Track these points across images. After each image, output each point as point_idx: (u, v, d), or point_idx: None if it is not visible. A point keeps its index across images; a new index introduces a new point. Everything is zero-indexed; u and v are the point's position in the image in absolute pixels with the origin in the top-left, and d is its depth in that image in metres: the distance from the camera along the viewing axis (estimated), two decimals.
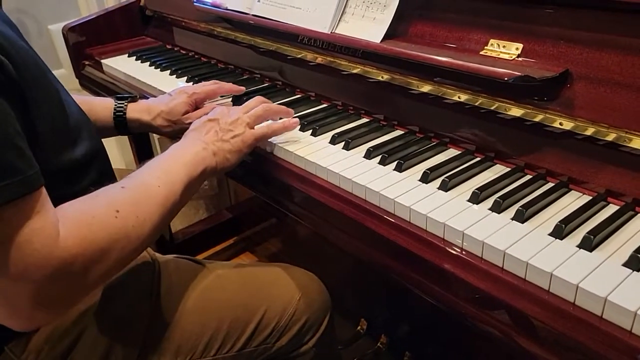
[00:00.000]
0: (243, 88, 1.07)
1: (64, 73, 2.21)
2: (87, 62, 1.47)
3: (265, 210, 1.73)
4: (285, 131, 0.89)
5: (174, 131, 0.98)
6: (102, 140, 0.84)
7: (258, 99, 0.91)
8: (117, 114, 0.98)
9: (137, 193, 0.66)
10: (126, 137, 1.68)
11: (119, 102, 0.99)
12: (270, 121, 0.90)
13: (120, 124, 0.99)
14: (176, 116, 0.97)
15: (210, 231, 1.86)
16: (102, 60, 1.40)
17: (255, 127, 0.86)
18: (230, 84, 1.06)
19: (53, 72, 0.73)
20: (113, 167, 0.85)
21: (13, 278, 0.52)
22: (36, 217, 0.53)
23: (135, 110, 0.99)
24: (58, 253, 0.53)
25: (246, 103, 0.89)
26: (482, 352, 1.07)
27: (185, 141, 0.80)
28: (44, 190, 0.56)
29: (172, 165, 0.73)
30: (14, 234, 0.51)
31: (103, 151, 0.82)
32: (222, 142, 0.80)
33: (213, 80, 1.07)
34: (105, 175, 0.79)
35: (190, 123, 0.95)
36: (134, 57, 1.39)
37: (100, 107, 0.99)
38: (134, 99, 1.01)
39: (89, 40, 1.49)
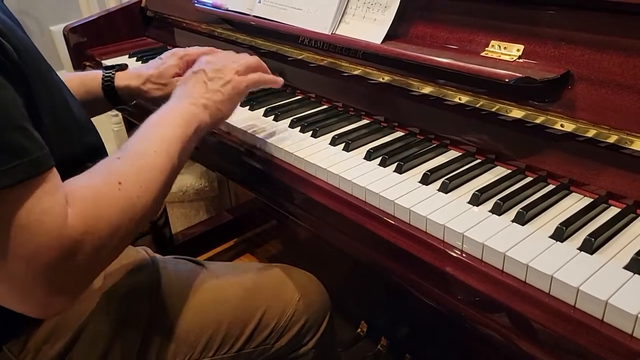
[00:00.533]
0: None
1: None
2: (88, 63, 1.47)
3: (265, 212, 1.72)
4: (276, 85, 0.88)
5: (165, 95, 0.94)
6: (102, 140, 0.84)
7: (245, 54, 0.88)
8: (105, 83, 0.97)
9: (135, 162, 0.64)
10: (127, 137, 1.69)
11: (106, 71, 0.98)
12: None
13: (110, 94, 0.97)
14: (166, 79, 0.96)
15: (210, 233, 1.86)
16: (103, 61, 1.40)
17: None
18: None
19: None
20: None
21: (26, 259, 0.51)
22: (46, 197, 0.52)
23: (124, 78, 0.98)
24: (67, 232, 0.53)
25: (233, 53, 0.86)
26: (482, 354, 1.07)
27: (173, 100, 0.77)
28: (54, 170, 0.55)
29: (164, 128, 0.70)
30: (25, 215, 0.51)
31: (103, 149, 0.82)
32: (211, 92, 0.77)
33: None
34: None
35: None
36: (135, 58, 1.39)
37: (89, 79, 0.98)
38: (122, 68, 1.00)
39: (90, 41, 1.49)
